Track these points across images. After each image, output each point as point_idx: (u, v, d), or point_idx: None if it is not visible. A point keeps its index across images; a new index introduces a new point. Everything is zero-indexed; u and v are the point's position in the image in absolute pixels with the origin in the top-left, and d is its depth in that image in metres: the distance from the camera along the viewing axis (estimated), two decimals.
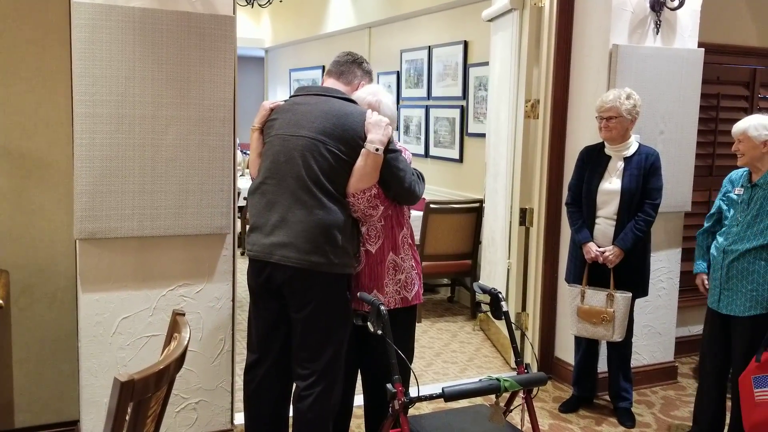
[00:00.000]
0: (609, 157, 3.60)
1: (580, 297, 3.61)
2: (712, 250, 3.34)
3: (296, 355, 2.76)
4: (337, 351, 2.75)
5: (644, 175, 3.53)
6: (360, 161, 2.67)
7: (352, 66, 2.91)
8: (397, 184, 2.74)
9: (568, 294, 3.73)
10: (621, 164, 3.56)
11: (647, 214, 3.52)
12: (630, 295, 3.55)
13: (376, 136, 2.65)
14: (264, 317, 2.83)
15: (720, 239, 3.29)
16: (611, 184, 3.57)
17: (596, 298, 3.58)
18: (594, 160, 3.63)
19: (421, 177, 2.89)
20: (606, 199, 3.58)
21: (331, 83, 2.89)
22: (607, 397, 3.92)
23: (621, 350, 3.73)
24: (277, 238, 2.65)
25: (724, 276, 3.22)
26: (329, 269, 2.64)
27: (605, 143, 3.61)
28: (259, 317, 2.85)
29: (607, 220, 3.58)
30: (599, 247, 3.57)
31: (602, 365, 3.91)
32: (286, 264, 2.62)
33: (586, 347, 3.81)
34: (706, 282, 3.46)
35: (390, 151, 2.70)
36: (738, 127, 3.21)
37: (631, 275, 3.60)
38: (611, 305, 3.54)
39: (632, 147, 3.57)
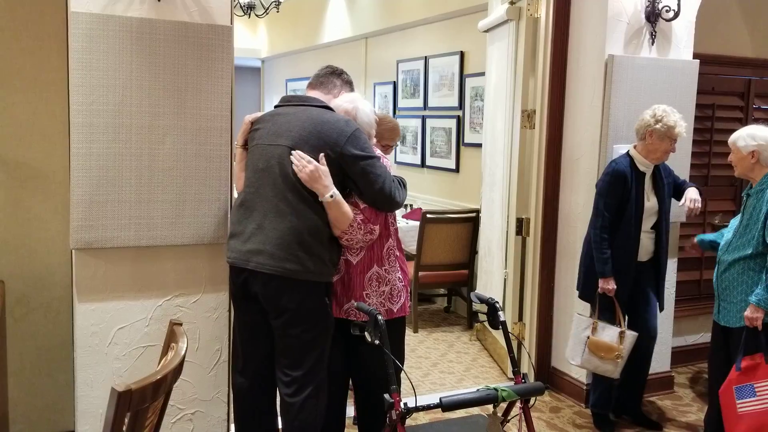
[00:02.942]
0: (644, 174, 3.57)
1: (591, 329, 3.55)
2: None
3: (278, 362, 2.78)
4: (319, 358, 2.75)
5: (669, 183, 3.64)
6: (327, 212, 2.69)
7: (331, 77, 2.98)
8: (374, 190, 2.73)
9: (576, 322, 3.64)
10: (650, 179, 3.59)
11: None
12: (636, 334, 3.50)
13: (319, 188, 2.65)
14: (245, 322, 2.87)
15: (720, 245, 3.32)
16: (650, 200, 3.58)
17: (607, 333, 3.51)
18: (636, 179, 3.55)
19: (402, 184, 2.89)
20: (647, 216, 3.58)
21: (312, 93, 2.95)
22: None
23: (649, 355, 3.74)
24: (253, 245, 2.68)
25: (720, 287, 3.22)
26: (305, 277, 2.65)
27: (640, 161, 3.54)
28: (240, 323, 2.90)
29: (648, 234, 3.60)
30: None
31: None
32: (262, 271, 2.65)
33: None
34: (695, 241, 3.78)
35: (364, 157, 2.71)
36: (730, 139, 3.25)
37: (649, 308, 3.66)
38: (621, 343, 3.47)
39: None
